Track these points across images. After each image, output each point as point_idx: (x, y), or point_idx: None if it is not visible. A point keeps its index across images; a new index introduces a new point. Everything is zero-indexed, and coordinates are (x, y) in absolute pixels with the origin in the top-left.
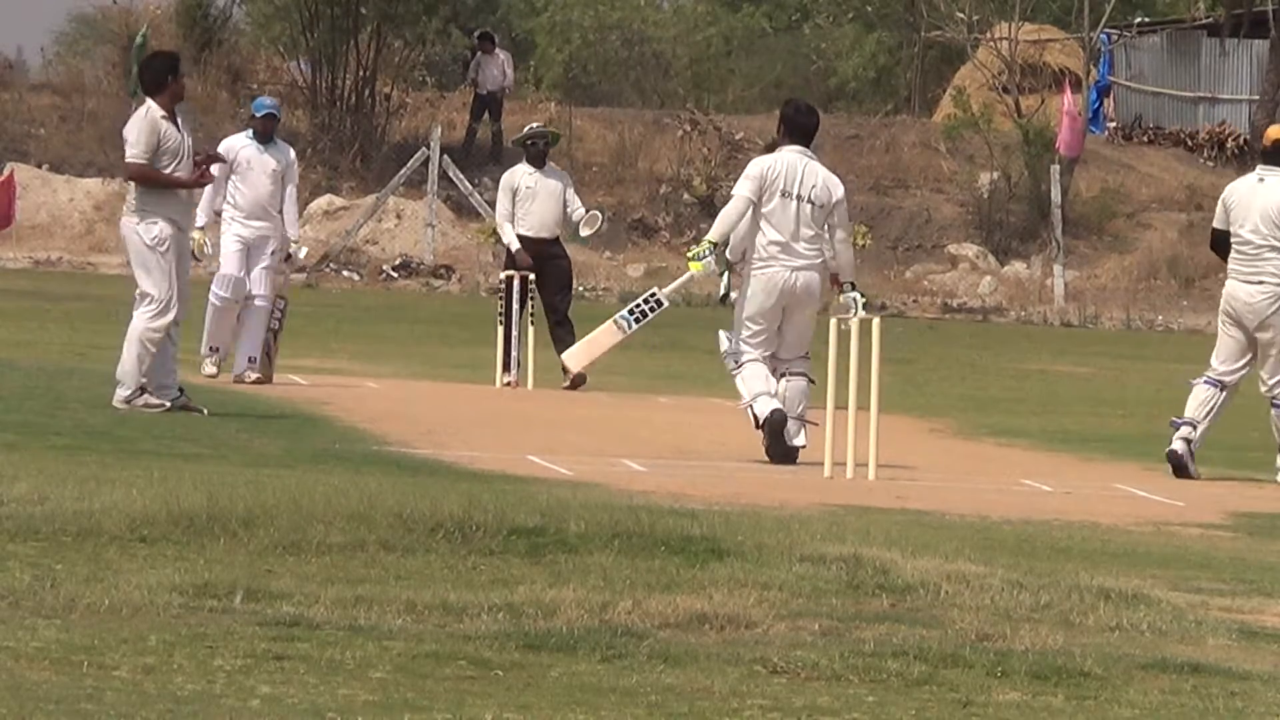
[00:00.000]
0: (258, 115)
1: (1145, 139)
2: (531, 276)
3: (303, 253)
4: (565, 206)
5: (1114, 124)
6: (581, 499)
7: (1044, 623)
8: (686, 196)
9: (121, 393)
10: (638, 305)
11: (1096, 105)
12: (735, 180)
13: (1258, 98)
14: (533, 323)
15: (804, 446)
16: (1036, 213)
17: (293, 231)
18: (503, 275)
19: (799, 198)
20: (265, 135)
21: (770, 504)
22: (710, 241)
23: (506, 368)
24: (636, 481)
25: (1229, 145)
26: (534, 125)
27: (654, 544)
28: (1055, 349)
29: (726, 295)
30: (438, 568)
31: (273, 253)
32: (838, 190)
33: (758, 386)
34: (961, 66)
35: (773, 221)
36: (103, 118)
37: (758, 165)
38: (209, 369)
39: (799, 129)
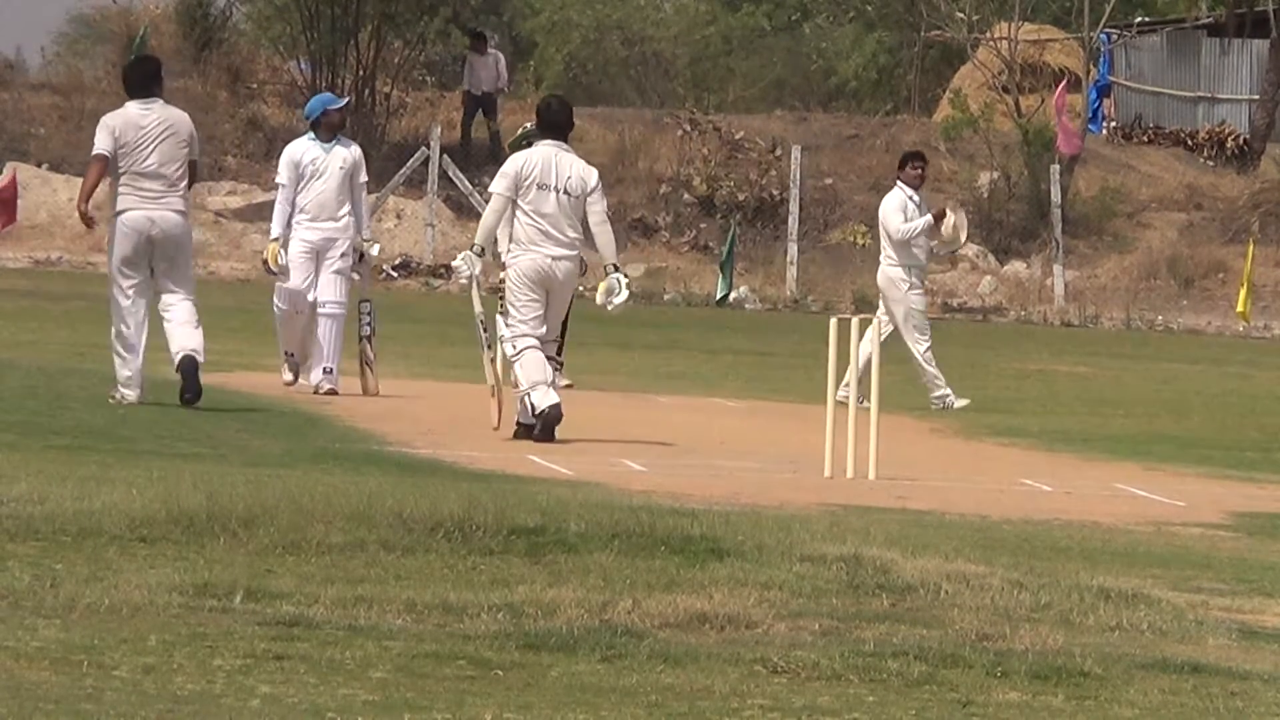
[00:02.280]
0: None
1: (1145, 139)
2: None
3: (375, 249)
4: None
5: (1114, 124)
6: (581, 499)
7: (1044, 623)
8: (686, 196)
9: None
10: (479, 331)
11: (1096, 105)
12: (735, 180)
13: (1258, 98)
14: None
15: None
16: (1036, 212)
17: (365, 230)
18: (502, 275)
19: (555, 189)
20: (328, 133)
21: (770, 504)
22: (477, 245)
23: None
24: (636, 481)
25: (1229, 145)
26: (529, 126)
27: (654, 544)
28: (1055, 349)
29: (726, 296)
30: (438, 568)
31: (342, 255)
32: (592, 179)
33: (536, 376)
34: (961, 66)
35: (531, 212)
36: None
37: (513, 163)
38: (287, 376)
39: (551, 124)
